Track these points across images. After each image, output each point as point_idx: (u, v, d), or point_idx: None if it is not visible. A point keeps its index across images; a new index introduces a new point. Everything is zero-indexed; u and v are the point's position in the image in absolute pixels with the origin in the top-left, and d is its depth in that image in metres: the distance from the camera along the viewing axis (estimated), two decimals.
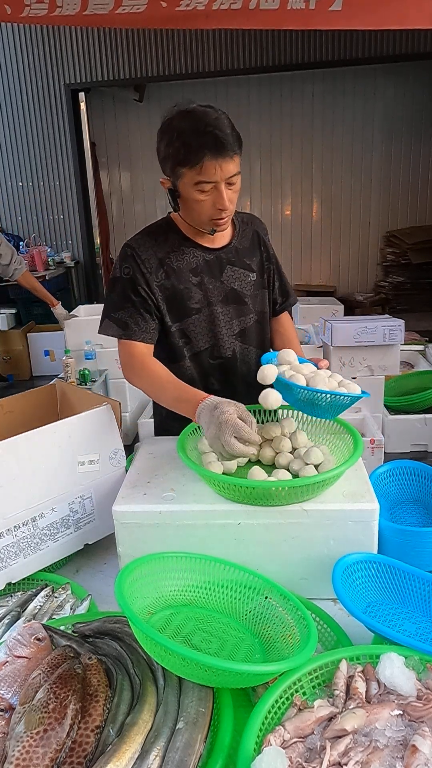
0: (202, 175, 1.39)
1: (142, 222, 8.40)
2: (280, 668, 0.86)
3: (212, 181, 1.40)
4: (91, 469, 1.42)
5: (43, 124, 6.58)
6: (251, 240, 1.69)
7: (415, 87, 7.00)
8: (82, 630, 1.05)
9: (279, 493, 1.19)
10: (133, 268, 1.53)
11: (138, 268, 1.53)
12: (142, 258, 1.54)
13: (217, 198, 1.43)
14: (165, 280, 1.55)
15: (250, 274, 1.65)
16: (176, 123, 1.41)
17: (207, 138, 1.36)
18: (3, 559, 1.30)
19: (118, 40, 6.14)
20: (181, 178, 1.43)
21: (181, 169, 1.41)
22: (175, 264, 1.56)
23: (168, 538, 1.22)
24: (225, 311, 1.61)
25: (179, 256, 1.57)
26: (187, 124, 1.39)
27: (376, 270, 7.69)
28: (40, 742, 0.80)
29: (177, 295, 1.56)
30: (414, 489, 1.57)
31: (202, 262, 1.59)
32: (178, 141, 1.39)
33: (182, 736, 0.80)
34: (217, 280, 1.60)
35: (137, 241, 1.57)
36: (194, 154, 1.37)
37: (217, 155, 1.37)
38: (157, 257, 1.55)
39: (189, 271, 1.57)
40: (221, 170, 1.39)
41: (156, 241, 1.57)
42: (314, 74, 6.84)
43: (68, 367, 3.83)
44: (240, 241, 1.65)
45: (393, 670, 0.88)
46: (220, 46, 6.09)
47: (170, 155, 1.42)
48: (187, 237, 1.58)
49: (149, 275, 1.53)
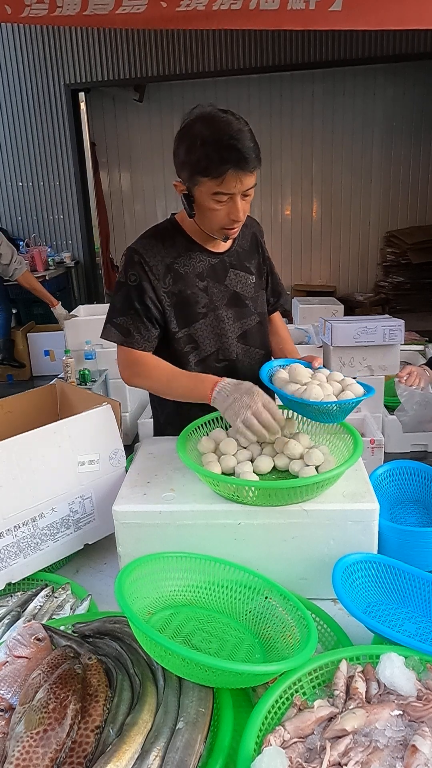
0: (222, 187, 1.38)
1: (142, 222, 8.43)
2: (280, 668, 0.86)
3: (230, 193, 1.40)
4: (91, 469, 1.42)
5: (43, 124, 6.59)
6: (250, 242, 1.70)
7: (415, 87, 7.00)
8: (82, 630, 1.05)
9: (279, 493, 1.19)
10: (140, 275, 1.52)
11: (145, 276, 1.52)
12: (150, 264, 1.53)
13: (232, 209, 1.43)
14: (172, 286, 1.55)
15: (250, 276, 1.67)
16: (198, 129, 1.38)
17: (231, 152, 1.34)
18: (3, 559, 1.30)
19: (118, 40, 6.14)
20: (198, 186, 1.41)
21: (201, 178, 1.39)
22: (182, 269, 1.56)
23: (168, 538, 1.22)
24: (228, 314, 1.62)
25: (186, 261, 1.57)
26: (210, 133, 1.36)
27: (376, 270, 7.69)
28: (40, 742, 0.80)
29: (184, 301, 1.56)
30: (414, 489, 1.57)
31: (207, 267, 1.59)
32: (201, 150, 1.36)
33: (182, 737, 0.80)
34: (221, 283, 1.61)
35: (144, 246, 1.55)
36: (216, 167, 1.35)
37: (239, 170, 1.36)
38: (165, 263, 1.54)
39: (195, 276, 1.57)
40: (241, 184, 1.38)
41: (163, 245, 1.55)
42: (314, 74, 6.84)
43: (68, 367, 3.83)
44: (240, 244, 1.66)
45: (393, 670, 0.88)
46: (220, 46, 6.09)
47: (191, 162, 1.39)
48: (193, 240, 1.58)
49: (156, 282, 1.53)
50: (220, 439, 1.41)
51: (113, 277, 7.57)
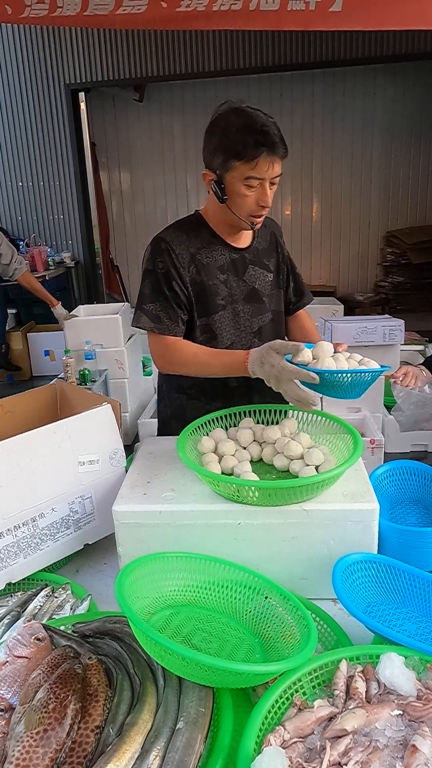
0: (255, 171, 1.44)
1: (142, 222, 8.42)
2: (280, 668, 0.86)
3: (261, 178, 1.46)
4: (91, 469, 1.42)
5: (43, 124, 6.58)
6: (269, 241, 1.74)
7: (415, 87, 7.00)
8: (82, 630, 1.05)
9: (279, 493, 1.19)
10: (168, 262, 1.57)
11: (172, 263, 1.57)
12: (176, 252, 1.57)
13: (261, 195, 1.49)
14: (195, 275, 1.59)
15: (268, 274, 1.71)
16: (232, 119, 1.45)
17: (265, 136, 1.42)
18: (3, 559, 1.30)
19: (118, 40, 6.14)
20: (230, 171, 1.47)
21: (235, 162, 1.45)
22: (205, 260, 1.60)
23: (168, 538, 1.22)
24: (245, 309, 1.66)
25: (209, 252, 1.61)
26: (244, 122, 1.44)
27: (376, 270, 7.68)
28: (40, 742, 0.80)
29: (205, 291, 1.60)
30: (414, 489, 1.57)
31: (228, 261, 1.63)
32: (237, 136, 1.43)
33: (182, 736, 0.80)
34: (240, 279, 1.65)
35: (170, 235, 1.60)
36: (252, 150, 1.42)
37: (272, 154, 1.43)
38: (189, 252, 1.59)
39: (217, 268, 1.62)
40: (272, 169, 1.45)
41: (188, 236, 1.61)
42: (314, 74, 6.84)
43: (68, 367, 3.83)
44: (259, 242, 1.70)
45: (393, 670, 0.88)
46: (220, 46, 6.09)
47: (225, 147, 1.45)
48: (216, 234, 1.63)
49: (182, 270, 1.58)
50: (220, 439, 1.41)
51: (113, 277, 7.58)
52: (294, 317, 1.86)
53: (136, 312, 1.61)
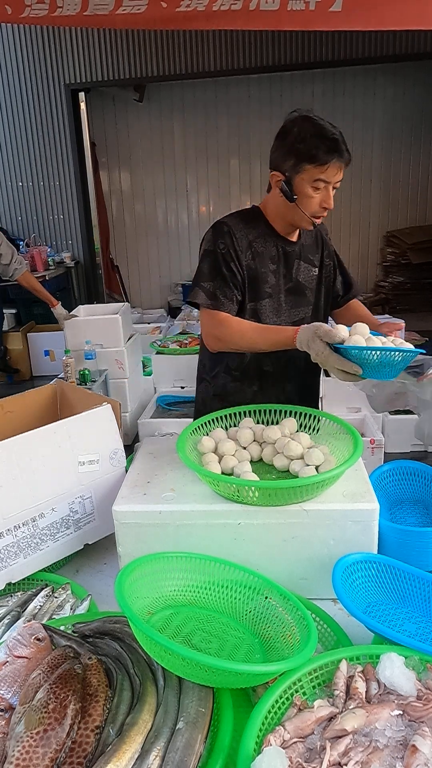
0: (324, 175, 1.56)
1: (142, 222, 8.41)
2: (280, 668, 0.86)
3: (328, 182, 1.58)
4: (91, 469, 1.42)
5: (43, 124, 6.58)
6: (314, 238, 1.84)
7: (415, 87, 7.00)
8: (82, 630, 1.05)
9: (279, 493, 1.19)
10: (228, 244, 1.66)
11: (233, 245, 1.66)
12: (237, 236, 1.67)
13: (325, 197, 1.61)
14: (251, 261, 1.69)
15: (313, 269, 1.81)
16: (306, 126, 1.57)
17: (336, 144, 1.54)
18: (3, 559, 1.30)
19: (118, 40, 6.14)
20: (300, 173, 1.58)
21: (307, 166, 1.56)
22: (259, 249, 1.70)
23: (168, 538, 1.22)
24: (288, 301, 1.76)
25: (263, 242, 1.71)
26: (316, 129, 1.55)
27: (376, 270, 7.68)
28: (40, 742, 0.80)
29: (257, 277, 1.70)
30: (414, 489, 1.57)
31: (280, 253, 1.73)
32: (312, 141, 1.54)
33: (182, 736, 0.80)
34: (288, 271, 1.76)
35: (232, 221, 1.70)
36: (324, 155, 1.54)
37: (340, 160, 1.55)
38: (248, 239, 1.69)
39: (269, 258, 1.72)
40: (338, 174, 1.58)
41: (246, 225, 1.71)
42: (314, 74, 6.84)
43: (68, 367, 3.83)
44: (305, 239, 1.80)
45: (393, 670, 0.88)
46: (220, 46, 6.09)
47: (298, 151, 1.56)
48: (271, 227, 1.73)
49: (240, 253, 1.67)
50: (220, 439, 1.41)
51: (113, 277, 7.58)
52: (347, 308, 1.94)
53: (193, 288, 1.68)
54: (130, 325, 4.54)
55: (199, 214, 7.63)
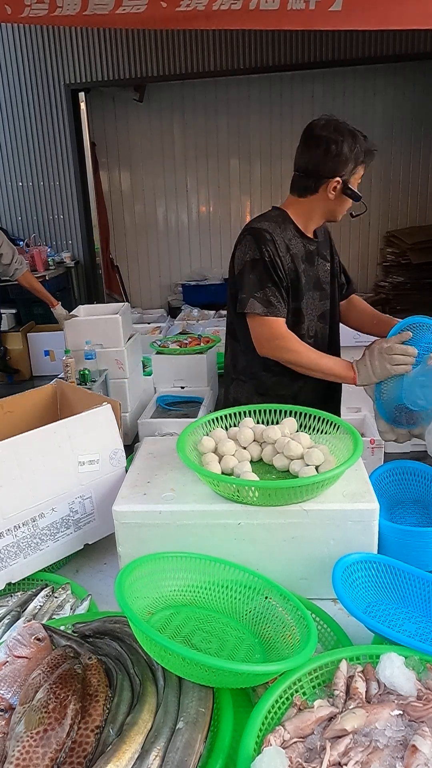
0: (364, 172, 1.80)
1: (142, 222, 8.40)
2: (280, 668, 0.86)
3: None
4: (91, 469, 1.42)
5: (43, 124, 6.58)
6: (323, 234, 1.95)
7: (415, 87, 6.99)
8: (82, 630, 1.05)
9: (279, 493, 1.19)
10: (272, 252, 1.74)
11: (276, 252, 1.75)
12: (277, 243, 1.75)
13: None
14: (290, 264, 1.78)
15: (326, 264, 1.92)
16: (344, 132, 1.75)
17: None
18: (3, 559, 1.30)
19: (118, 40, 6.14)
20: (354, 175, 1.78)
21: (358, 167, 1.77)
22: (294, 250, 1.80)
23: (168, 538, 1.22)
24: (314, 296, 1.87)
25: (295, 243, 1.81)
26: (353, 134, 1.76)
27: (376, 270, 7.68)
28: (40, 742, 0.80)
29: (298, 278, 1.80)
30: (414, 489, 1.57)
31: (306, 252, 1.84)
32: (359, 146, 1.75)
33: (182, 736, 0.80)
34: (311, 268, 1.86)
35: (270, 226, 1.78)
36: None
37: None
38: (285, 242, 1.78)
39: (300, 257, 1.82)
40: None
41: (280, 228, 1.79)
42: (314, 74, 6.83)
43: (68, 367, 3.83)
44: (318, 236, 1.91)
45: (393, 670, 0.88)
46: (220, 46, 6.09)
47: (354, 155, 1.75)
48: (298, 228, 1.83)
49: (283, 257, 1.76)
50: (220, 439, 1.41)
51: (113, 277, 7.57)
52: (351, 303, 2.06)
53: (247, 299, 1.73)
54: (130, 325, 4.54)
55: (199, 214, 7.63)
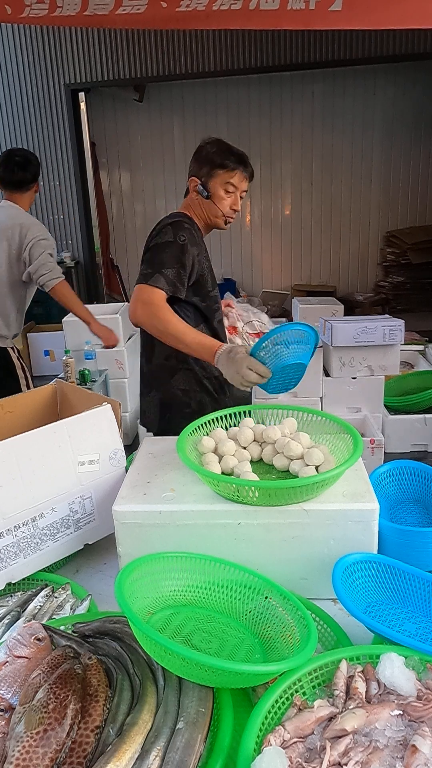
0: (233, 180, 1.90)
1: (141, 222, 8.40)
2: (280, 668, 0.86)
3: (236, 187, 1.92)
4: (91, 469, 1.42)
5: (43, 124, 6.57)
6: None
7: (415, 87, 6.99)
8: (82, 630, 1.05)
9: (279, 493, 1.19)
10: (188, 239, 1.84)
11: (193, 240, 1.86)
12: (195, 235, 1.89)
13: (234, 201, 1.95)
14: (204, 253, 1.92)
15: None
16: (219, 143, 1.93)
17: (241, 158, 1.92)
18: (3, 559, 1.30)
19: (118, 40, 6.13)
20: (213, 178, 1.90)
21: (218, 171, 1.90)
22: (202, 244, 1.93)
23: (168, 538, 1.22)
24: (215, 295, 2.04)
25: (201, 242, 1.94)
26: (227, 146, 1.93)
27: (376, 270, 7.67)
28: (40, 742, 0.80)
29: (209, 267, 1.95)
30: (414, 489, 1.57)
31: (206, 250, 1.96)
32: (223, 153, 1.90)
33: (182, 736, 0.80)
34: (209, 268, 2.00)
35: (188, 219, 1.92)
36: (233, 163, 1.90)
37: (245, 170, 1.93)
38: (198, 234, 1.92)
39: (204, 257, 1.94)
40: (244, 183, 1.94)
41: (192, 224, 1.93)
42: (314, 74, 6.83)
43: (68, 367, 3.82)
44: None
45: (393, 670, 0.88)
46: (220, 46, 6.08)
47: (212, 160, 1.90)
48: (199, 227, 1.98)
49: (198, 248, 1.87)
50: (220, 439, 1.41)
51: (113, 277, 7.56)
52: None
53: (154, 274, 1.76)
54: (130, 325, 4.53)
55: None
